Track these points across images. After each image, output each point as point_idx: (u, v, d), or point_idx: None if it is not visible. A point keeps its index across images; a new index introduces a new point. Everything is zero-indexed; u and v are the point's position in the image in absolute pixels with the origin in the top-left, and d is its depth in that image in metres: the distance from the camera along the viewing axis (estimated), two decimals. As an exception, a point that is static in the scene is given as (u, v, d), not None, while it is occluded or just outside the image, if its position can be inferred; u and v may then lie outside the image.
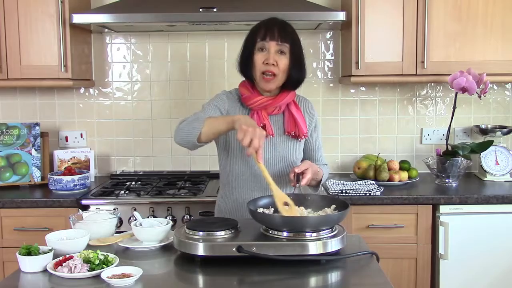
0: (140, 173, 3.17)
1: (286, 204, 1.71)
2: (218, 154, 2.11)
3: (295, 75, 1.97)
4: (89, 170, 3.00)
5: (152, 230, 1.70)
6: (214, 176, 3.02)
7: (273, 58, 1.92)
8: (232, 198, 2.07)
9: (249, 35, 1.99)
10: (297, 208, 1.73)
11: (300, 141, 2.07)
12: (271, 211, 1.73)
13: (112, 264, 1.49)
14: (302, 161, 2.06)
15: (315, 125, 2.14)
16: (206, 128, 1.82)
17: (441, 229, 2.53)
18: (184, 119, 1.93)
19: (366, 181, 2.78)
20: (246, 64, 1.98)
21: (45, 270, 1.50)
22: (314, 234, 1.55)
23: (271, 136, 1.99)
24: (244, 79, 2.06)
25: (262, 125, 1.97)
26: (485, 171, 2.91)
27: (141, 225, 1.73)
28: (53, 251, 1.56)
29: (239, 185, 2.04)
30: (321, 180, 2.08)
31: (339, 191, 2.58)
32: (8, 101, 3.14)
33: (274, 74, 1.93)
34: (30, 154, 2.90)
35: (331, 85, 3.15)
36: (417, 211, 2.56)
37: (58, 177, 2.70)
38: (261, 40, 1.93)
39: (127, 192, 2.67)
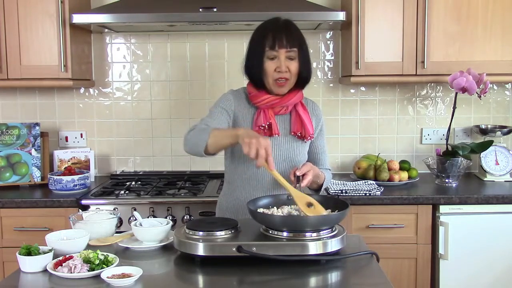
0: (140, 173, 3.17)
1: (309, 204, 1.70)
2: (224, 153, 2.11)
3: (304, 75, 1.99)
4: (89, 170, 3.00)
5: (152, 230, 1.70)
6: (214, 176, 3.03)
7: (284, 65, 1.93)
8: (234, 197, 2.07)
9: (256, 41, 1.98)
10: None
11: (305, 142, 2.07)
12: (271, 211, 1.72)
13: (112, 264, 1.49)
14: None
15: (321, 129, 2.14)
16: (211, 140, 1.82)
17: (441, 229, 2.53)
18: (192, 127, 1.93)
19: (366, 181, 2.78)
20: (257, 72, 1.97)
21: (45, 270, 1.50)
22: (314, 234, 1.55)
23: (276, 136, 2.00)
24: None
25: (268, 123, 1.97)
26: (485, 171, 2.91)
27: (141, 225, 1.74)
28: (53, 251, 1.56)
29: (241, 183, 2.05)
30: (322, 184, 2.07)
31: (339, 191, 2.58)
32: (8, 101, 3.14)
33: (287, 79, 1.95)
34: (30, 154, 2.90)
35: (331, 85, 3.15)
36: (417, 211, 2.56)
37: (58, 177, 2.70)
38: (270, 49, 1.93)
39: (127, 192, 2.67)
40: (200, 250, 1.53)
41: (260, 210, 1.69)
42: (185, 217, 2.54)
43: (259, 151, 1.66)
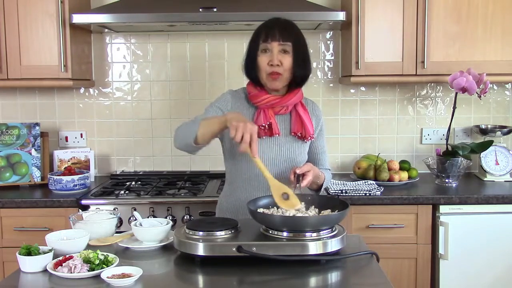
0: (140, 173, 3.17)
1: (285, 195, 1.70)
2: (223, 153, 2.11)
3: (299, 73, 1.97)
4: (89, 170, 3.00)
5: (152, 230, 1.70)
6: (214, 176, 3.03)
7: (276, 58, 1.92)
8: (234, 197, 2.06)
9: (252, 38, 2.00)
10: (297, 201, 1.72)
11: (306, 142, 2.06)
12: (271, 211, 1.72)
13: (112, 264, 1.49)
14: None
15: (321, 129, 2.13)
16: (201, 130, 1.82)
17: (441, 229, 2.53)
18: (181, 124, 1.94)
19: (366, 181, 2.78)
20: (251, 67, 1.98)
21: (45, 270, 1.50)
22: (314, 234, 1.55)
23: (277, 135, 1.99)
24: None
25: (268, 123, 1.97)
26: (485, 171, 2.91)
27: (141, 225, 1.73)
28: (53, 251, 1.56)
29: (241, 184, 2.04)
30: (322, 185, 2.07)
31: (339, 191, 2.58)
32: (8, 101, 3.14)
33: (279, 73, 1.94)
34: (30, 154, 2.90)
35: (331, 85, 3.15)
36: (417, 211, 2.56)
37: (58, 177, 2.70)
38: (263, 42, 1.94)
39: (127, 192, 2.67)
40: (200, 250, 1.53)
41: (260, 210, 1.69)
42: (185, 217, 2.54)
43: (244, 136, 1.66)
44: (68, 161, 3.02)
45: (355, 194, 2.55)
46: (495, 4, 2.73)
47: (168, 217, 2.50)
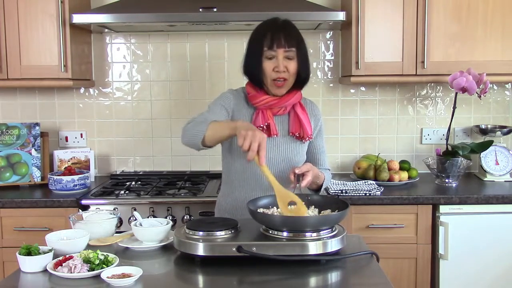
0: (140, 173, 3.17)
1: (291, 203, 1.70)
2: (221, 152, 2.11)
3: (303, 75, 1.99)
4: (89, 170, 3.00)
5: (152, 230, 1.70)
6: (214, 176, 3.03)
7: (282, 65, 1.92)
8: (233, 197, 2.06)
9: (254, 41, 1.98)
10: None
11: (304, 142, 2.06)
12: (271, 211, 1.72)
13: (112, 264, 1.49)
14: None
15: (320, 129, 2.13)
16: (209, 132, 1.81)
17: (441, 229, 2.53)
18: (191, 120, 1.92)
19: (366, 181, 2.78)
20: (256, 71, 1.97)
21: (45, 270, 1.50)
22: (314, 234, 1.55)
23: (275, 136, 1.99)
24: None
25: (266, 124, 1.97)
26: (485, 171, 2.91)
27: (141, 225, 1.74)
28: (53, 251, 1.56)
29: (240, 183, 2.04)
30: (322, 185, 2.07)
31: (339, 191, 2.58)
32: (8, 101, 3.14)
33: (285, 79, 1.94)
34: (30, 154, 2.90)
35: (331, 85, 3.15)
36: (417, 211, 2.56)
37: (58, 177, 2.70)
38: (269, 49, 1.93)
39: (127, 192, 2.67)
40: (200, 250, 1.53)
41: (260, 210, 1.69)
42: (185, 217, 2.54)
43: (252, 145, 1.65)
44: (68, 161, 3.02)
45: (355, 194, 2.55)
46: (495, 4, 2.73)
47: (168, 217, 2.50)
